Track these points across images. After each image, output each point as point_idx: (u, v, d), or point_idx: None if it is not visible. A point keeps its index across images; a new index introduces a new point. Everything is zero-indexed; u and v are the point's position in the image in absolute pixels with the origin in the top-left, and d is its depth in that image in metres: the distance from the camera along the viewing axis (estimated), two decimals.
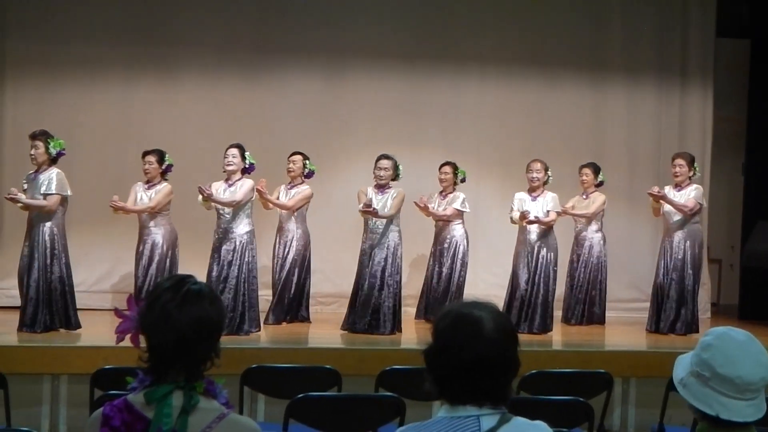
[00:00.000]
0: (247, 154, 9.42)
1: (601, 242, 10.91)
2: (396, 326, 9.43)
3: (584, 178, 10.92)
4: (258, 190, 9.52)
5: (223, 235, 9.30)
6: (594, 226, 10.92)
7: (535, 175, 9.99)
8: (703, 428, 2.70)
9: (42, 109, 11.31)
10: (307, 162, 10.38)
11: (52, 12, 11.54)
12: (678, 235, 9.99)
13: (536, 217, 9.85)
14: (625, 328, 10.48)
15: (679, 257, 9.96)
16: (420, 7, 12.23)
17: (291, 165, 10.34)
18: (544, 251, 9.91)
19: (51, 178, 8.89)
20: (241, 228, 9.31)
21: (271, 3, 12.01)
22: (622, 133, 12.51)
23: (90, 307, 10.86)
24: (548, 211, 9.94)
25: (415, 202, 10.07)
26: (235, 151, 9.40)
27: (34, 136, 8.93)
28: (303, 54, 11.92)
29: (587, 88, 12.50)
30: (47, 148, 8.90)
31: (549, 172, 10.10)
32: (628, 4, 12.61)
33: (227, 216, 9.31)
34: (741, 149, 13.04)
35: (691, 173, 10.08)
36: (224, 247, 9.25)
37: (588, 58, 12.47)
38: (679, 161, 10.08)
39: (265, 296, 10.08)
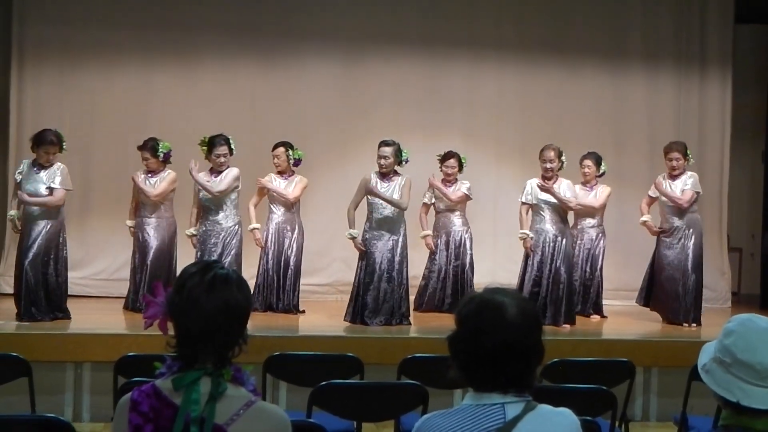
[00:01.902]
0: (231, 142, 9.46)
1: (602, 234, 10.84)
2: (405, 317, 9.27)
3: (587, 170, 10.67)
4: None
5: (211, 226, 9.35)
6: (597, 218, 10.80)
7: (549, 165, 9.57)
8: (726, 416, 2.69)
9: (61, 93, 11.37)
10: (291, 152, 10.27)
11: None
12: (676, 224, 9.85)
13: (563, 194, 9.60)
14: (645, 317, 10.44)
15: (679, 247, 9.83)
16: None
17: (276, 159, 10.24)
18: (564, 241, 9.69)
19: (55, 173, 8.88)
20: (230, 219, 9.36)
21: None
22: (642, 120, 12.47)
23: (110, 294, 10.94)
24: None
25: (429, 179, 10.08)
26: (224, 149, 9.42)
27: (51, 143, 8.84)
28: (322, 39, 11.93)
29: (607, 75, 12.47)
30: (61, 147, 8.96)
31: (563, 158, 9.75)
32: None
33: (213, 206, 9.36)
34: (761, 136, 12.98)
35: (686, 161, 9.89)
36: (212, 239, 9.33)
37: (607, 45, 12.45)
38: (675, 155, 9.79)
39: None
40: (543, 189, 9.50)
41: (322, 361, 6.06)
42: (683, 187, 9.82)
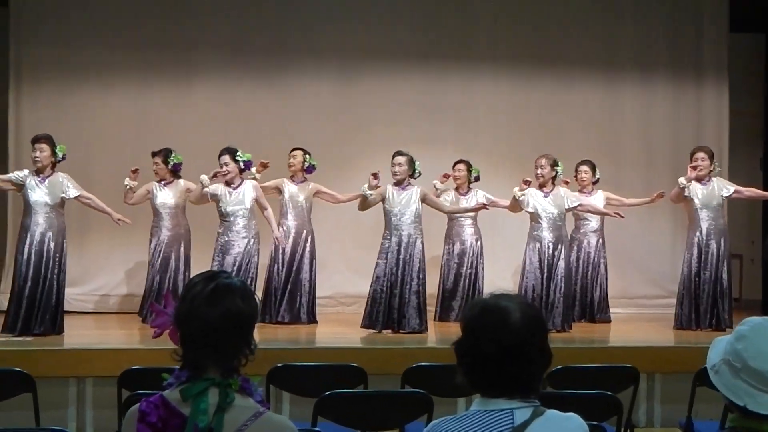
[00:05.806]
0: (238, 154, 9.50)
1: (603, 239, 10.88)
2: (423, 324, 9.30)
3: (583, 175, 10.79)
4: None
5: (230, 237, 9.38)
6: (598, 223, 10.87)
7: (538, 171, 9.69)
8: (734, 418, 2.67)
9: (59, 114, 11.34)
10: (308, 157, 10.42)
11: (67, 17, 11.59)
12: (706, 229, 9.81)
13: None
14: (648, 324, 10.43)
15: (712, 251, 9.78)
16: (432, 7, 12.25)
17: (291, 160, 10.40)
18: (562, 249, 9.72)
19: (65, 182, 8.93)
20: (249, 231, 9.38)
21: (284, 5, 12.03)
22: (638, 130, 12.48)
23: (110, 310, 10.96)
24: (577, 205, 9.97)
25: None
26: (226, 158, 9.49)
27: (37, 140, 8.92)
28: (317, 55, 11.94)
29: (601, 85, 12.49)
30: (53, 151, 8.92)
31: (558, 167, 9.78)
32: (640, 1, 12.60)
33: (231, 219, 9.37)
34: (759, 143, 13.01)
35: (712, 168, 9.83)
36: (233, 250, 9.34)
37: (601, 56, 12.47)
38: (702, 155, 9.79)
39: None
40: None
41: (326, 372, 6.03)
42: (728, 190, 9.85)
